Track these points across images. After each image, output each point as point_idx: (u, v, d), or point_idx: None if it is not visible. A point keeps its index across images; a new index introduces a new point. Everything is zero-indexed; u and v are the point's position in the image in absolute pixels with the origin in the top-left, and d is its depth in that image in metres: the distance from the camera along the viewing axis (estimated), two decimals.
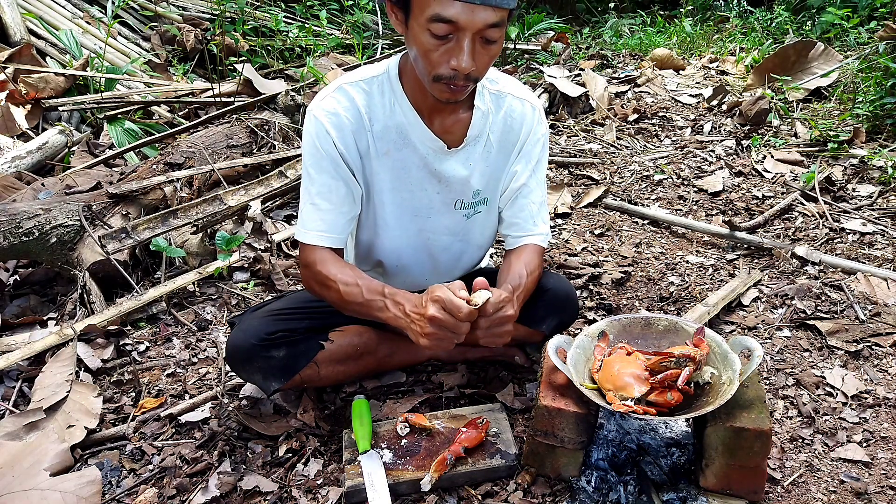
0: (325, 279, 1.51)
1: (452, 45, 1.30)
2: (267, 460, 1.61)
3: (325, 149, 1.50)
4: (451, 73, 1.33)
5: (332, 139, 1.49)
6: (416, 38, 1.32)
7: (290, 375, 1.65)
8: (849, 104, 3.70)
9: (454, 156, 1.58)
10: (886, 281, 2.23)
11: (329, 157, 1.50)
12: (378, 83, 1.53)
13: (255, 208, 2.67)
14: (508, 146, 1.63)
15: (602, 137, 3.81)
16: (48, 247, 2.34)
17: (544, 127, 1.66)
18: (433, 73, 1.34)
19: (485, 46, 1.32)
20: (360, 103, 1.51)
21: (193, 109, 3.98)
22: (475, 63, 1.32)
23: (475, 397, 1.80)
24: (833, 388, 1.80)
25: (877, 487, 1.49)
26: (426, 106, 1.52)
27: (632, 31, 6.35)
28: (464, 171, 1.60)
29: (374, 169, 1.57)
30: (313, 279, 1.55)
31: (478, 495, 1.46)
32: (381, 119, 1.53)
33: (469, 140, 1.58)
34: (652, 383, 1.37)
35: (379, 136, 1.54)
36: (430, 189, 1.61)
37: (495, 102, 1.60)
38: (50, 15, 4.65)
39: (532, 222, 1.67)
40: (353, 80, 1.54)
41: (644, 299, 2.29)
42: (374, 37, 5.84)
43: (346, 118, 1.50)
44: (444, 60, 1.32)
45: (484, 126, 1.59)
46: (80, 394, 1.81)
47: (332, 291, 1.51)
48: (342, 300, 1.50)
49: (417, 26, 1.30)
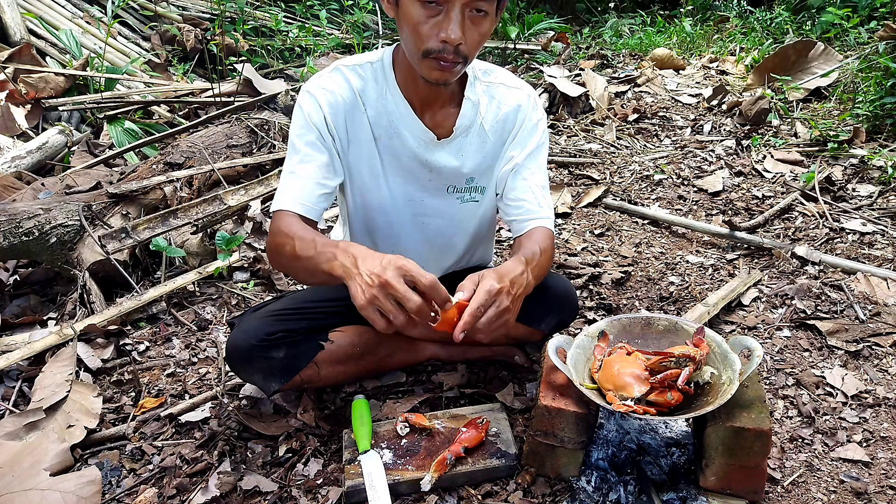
0: (284, 235, 1.42)
1: (441, 17, 1.32)
2: (267, 460, 1.61)
3: (315, 122, 1.50)
4: (440, 47, 1.34)
5: (323, 114, 1.50)
6: (406, 13, 1.34)
7: (291, 376, 1.64)
8: (849, 104, 3.70)
9: (445, 147, 1.59)
10: (886, 281, 2.23)
11: (316, 130, 1.51)
12: (373, 70, 1.55)
13: (255, 208, 2.67)
14: (504, 134, 1.63)
15: (602, 137, 3.81)
16: (48, 247, 2.34)
17: (539, 113, 1.65)
18: (423, 47, 1.35)
19: (474, 21, 1.34)
20: (356, 86, 1.53)
21: (193, 109, 3.99)
22: (464, 36, 1.33)
23: (475, 397, 1.80)
24: (833, 388, 1.80)
25: (877, 487, 1.49)
26: (417, 97, 1.54)
27: (632, 30, 6.34)
28: (454, 161, 1.61)
29: (365, 153, 1.57)
30: (273, 242, 1.46)
31: (478, 495, 1.46)
32: (373, 105, 1.54)
33: (459, 130, 1.58)
34: (652, 383, 1.37)
35: (373, 120, 1.55)
36: (423, 176, 1.62)
37: (487, 93, 1.61)
38: (50, 15, 4.65)
39: (537, 204, 1.61)
40: (349, 63, 1.55)
41: (644, 299, 2.29)
42: (374, 37, 5.85)
43: (341, 97, 1.52)
44: (434, 34, 1.33)
45: (475, 116, 1.59)
46: (80, 394, 1.81)
47: (287, 248, 1.40)
48: (294, 255, 1.39)
49: (408, 1, 1.32)
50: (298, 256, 1.38)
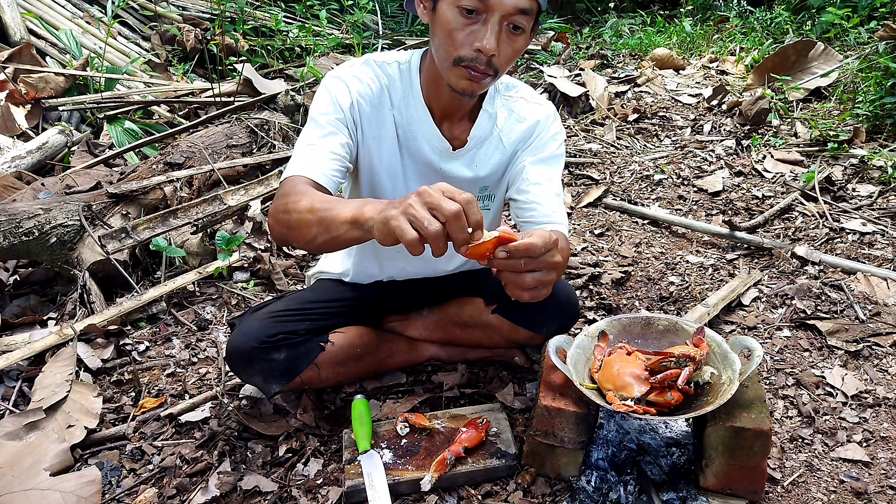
0: (297, 193, 1.30)
1: (479, 26, 1.32)
2: (267, 460, 1.61)
3: (343, 104, 1.48)
4: (473, 55, 1.33)
5: (352, 99, 1.48)
6: (443, 18, 1.33)
7: (291, 377, 1.64)
8: (849, 104, 3.70)
9: (459, 158, 1.58)
10: (886, 281, 2.23)
11: (342, 112, 1.48)
12: (399, 70, 1.54)
13: (255, 208, 2.67)
14: (518, 144, 1.62)
15: (602, 137, 3.81)
16: (48, 247, 2.34)
17: (558, 127, 1.64)
18: (455, 54, 1.34)
19: (510, 35, 1.34)
20: (385, 83, 1.53)
21: (193, 109, 3.99)
22: (499, 48, 1.32)
23: (475, 397, 1.80)
24: (833, 388, 1.80)
25: (877, 487, 1.49)
26: (438, 106, 1.53)
27: (632, 30, 6.34)
28: (468, 172, 1.60)
29: (386, 150, 1.56)
30: (282, 200, 1.32)
31: (478, 495, 1.46)
32: (398, 105, 1.54)
33: (473, 142, 1.58)
34: (652, 383, 1.37)
35: (397, 119, 1.54)
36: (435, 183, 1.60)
37: (506, 106, 1.60)
38: (50, 15, 4.65)
39: (551, 209, 1.55)
40: (380, 59, 1.55)
41: (644, 299, 2.29)
42: (374, 37, 5.85)
43: (371, 90, 1.51)
44: (469, 42, 1.32)
45: (491, 129, 1.59)
46: (80, 394, 1.81)
47: (302, 203, 1.27)
48: (310, 208, 1.25)
49: (447, 6, 1.32)
50: (315, 209, 1.25)
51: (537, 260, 1.09)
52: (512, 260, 1.09)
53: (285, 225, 1.31)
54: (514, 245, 1.07)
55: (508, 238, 1.08)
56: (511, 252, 1.08)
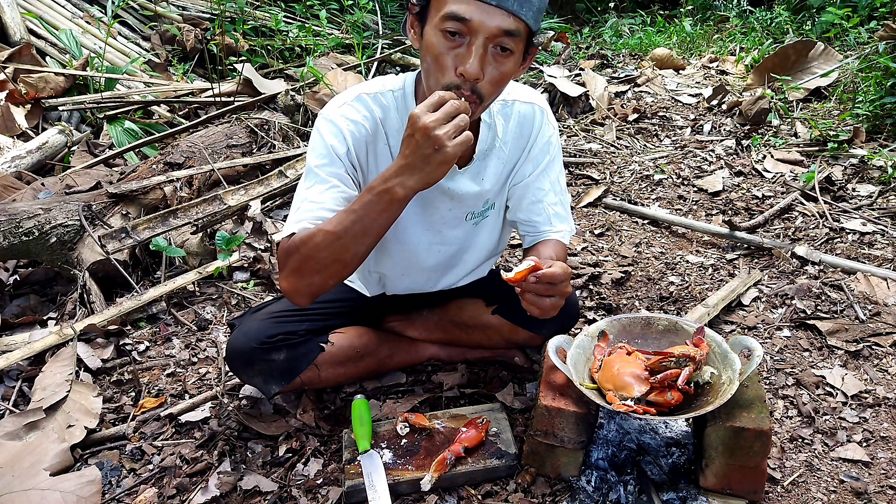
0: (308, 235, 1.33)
1: (463, 50, 1.27)
2: (267, 460, 1.61)
3: (339, 153, 1.44)
4: (457, 81, 1.29)
5: (347, 146, 1.44)
6: (429, 42, 1.30)
7: (291, 378, 1.64)
8: (849, 104, 3.70)
9: (465, 174, 1.56)
10: (886, 281, 2.23)
11: (339, 161, 1.44)
12: (394, 98, 1.50)
13: (255, 208, 2.67)
14: (517, 151, 1.61)
15: (602, 137, 3.81)
16: (48, 247, 2.34)
17: (551, 128, 1.63)
18: (442, 80, 1.30)
19: (497, 58, 1.29)
20: (378, 116, 1.49)
21: (193, 109, 3.98)
22: (482, 71, 1.27)
23: (475, 397, 1.80)
24: (833, 388, 1.80)
25: (877, 487, 1.49)
26: None
27: (632, 30, 6.35)
28: (475, 186, 1.58)
29: None
30: (295, 256, 1.35)
31: (478, 495, 1.46)
32: (395, 135, 1.49)
33: (478, 156, 1.56)
34: (652, 383, 1.37)
35: (395, 150, 1.50)
36: (442, 206, 1.59)
37: (503, 112, 1.58)
38: (50, 15, 4.65)
39: (549, 222, 1.62)
40: (371, 90, 1.50)
41: (644, 299, 2.29)
42: (374, 36, 5.84)
43: (365, 128, 1.47)
44: (454, 66, 1.28)
45: (493, 139, 1.57)
46: (80, 394, 1.81)
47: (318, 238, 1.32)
48: (335, 233, 1.31)
49: (431, 30, 1.29)
50: (337, 228, 1.31)
51: (556, 287, 1.30)
52: (538, 285, 1.29)
53: (314, 270, 1.35)
54: (542, 272, 1.29)
55: (538, 266, 1.30)
56: (539, 278, 1.28)
